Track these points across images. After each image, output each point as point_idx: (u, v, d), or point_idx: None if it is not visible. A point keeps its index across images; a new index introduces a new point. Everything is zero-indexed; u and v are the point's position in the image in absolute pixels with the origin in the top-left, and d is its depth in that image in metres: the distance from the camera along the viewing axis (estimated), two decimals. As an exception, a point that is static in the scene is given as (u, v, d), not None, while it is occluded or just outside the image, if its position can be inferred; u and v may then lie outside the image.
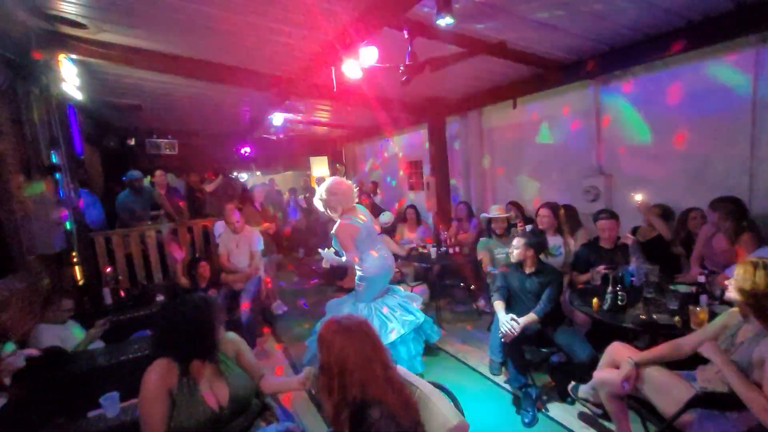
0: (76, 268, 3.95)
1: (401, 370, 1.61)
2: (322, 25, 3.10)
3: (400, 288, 3.48)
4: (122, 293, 4.15)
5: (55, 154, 3.66)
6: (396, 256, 4.88)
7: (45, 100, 3.52)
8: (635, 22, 3.18)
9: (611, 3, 2.83)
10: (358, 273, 3.15)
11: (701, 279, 2.66)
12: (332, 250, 3.09)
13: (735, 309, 1.90)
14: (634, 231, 3.63)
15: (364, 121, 7.36)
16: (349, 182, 3.18)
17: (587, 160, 4.48)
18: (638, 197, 3.40)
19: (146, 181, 5.88)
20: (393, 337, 2.98)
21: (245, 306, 3.77)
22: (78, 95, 3.90)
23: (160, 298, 3.95)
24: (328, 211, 3.09)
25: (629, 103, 4.06)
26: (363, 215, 3.16)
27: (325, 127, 8.18)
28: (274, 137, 8.11)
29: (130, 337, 3.32)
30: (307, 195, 8.61)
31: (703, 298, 2.44)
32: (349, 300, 3.29)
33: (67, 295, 3.08)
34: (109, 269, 4.26)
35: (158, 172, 5.63)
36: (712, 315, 2.17)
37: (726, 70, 3.32)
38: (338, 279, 5.85)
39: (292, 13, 2.92)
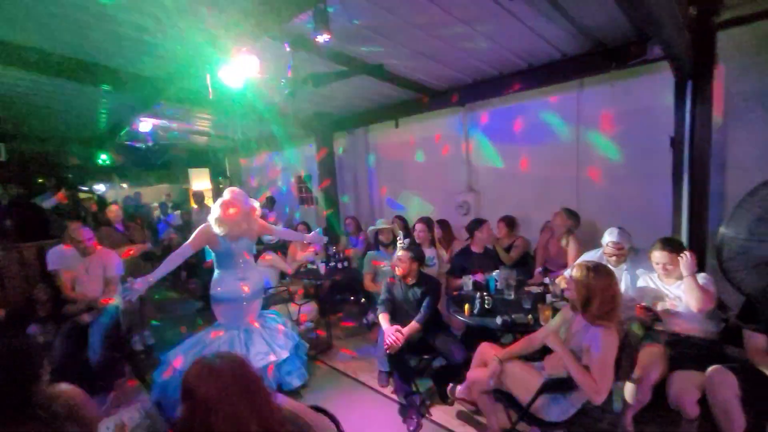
0: None
1: (283, 399, 1.41)
2: (194, 26, 2.85)
3: (277, 320, 3.27)
4: None
5: None
6: (283, 274, 4.69)
7: None
8: (492, 61, 3.67)
9: (473, 42, 3.22)
10: (211, 290, 3.06)
11: (546, 280, 3.14)
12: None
13: (569, 304, 2.28)
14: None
15: (250, 132, 6.99)
16: (236, 218, 2.90)
17: (459, 179, 4.98)
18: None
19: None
20: None
21: (95, 343, 3.16)
22: None
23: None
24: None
25: (488, 130, 4.70)
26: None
27: (205, 137, 7.52)
28: (143, 145, 7.16)
29: None
30: (180, 211, 7.73)
31: (549, 296, 2.87)
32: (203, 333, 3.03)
33: None
34: None
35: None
36: (556, 311, 2.56)
37: (556, 108, 4.05)
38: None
39: (156, 9, 2.62)
